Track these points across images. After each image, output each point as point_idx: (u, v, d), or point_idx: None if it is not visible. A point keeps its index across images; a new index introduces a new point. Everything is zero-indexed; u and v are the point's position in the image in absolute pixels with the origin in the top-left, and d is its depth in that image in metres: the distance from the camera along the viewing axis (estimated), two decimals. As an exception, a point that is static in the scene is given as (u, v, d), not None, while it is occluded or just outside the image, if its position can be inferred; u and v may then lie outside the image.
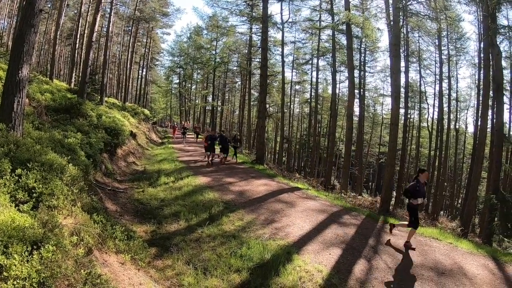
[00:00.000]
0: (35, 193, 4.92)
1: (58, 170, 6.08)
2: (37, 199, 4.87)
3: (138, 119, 28.90)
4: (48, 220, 4.27)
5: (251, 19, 29.69)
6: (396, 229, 8.91)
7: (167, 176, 13.47)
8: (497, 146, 16.17)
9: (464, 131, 41.21)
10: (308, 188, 15.01)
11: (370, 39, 29.20)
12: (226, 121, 64.38)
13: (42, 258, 3.49)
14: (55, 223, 4.31)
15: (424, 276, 6.47)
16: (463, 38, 32.25)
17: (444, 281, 6.32)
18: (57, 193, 5.23)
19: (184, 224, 8.43)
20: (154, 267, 6.08)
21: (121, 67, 44.72)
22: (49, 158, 6.29)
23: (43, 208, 4.65)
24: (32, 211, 4.49)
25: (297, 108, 53.52)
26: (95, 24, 20.28)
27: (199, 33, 48.50)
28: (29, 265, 3.31)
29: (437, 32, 28.43)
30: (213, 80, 48.80)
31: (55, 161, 6.33)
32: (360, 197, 19.06)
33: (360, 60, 36.10)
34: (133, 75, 51.27)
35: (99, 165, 11.87)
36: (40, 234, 3.81)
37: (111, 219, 6.96)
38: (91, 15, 26.32)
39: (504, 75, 23.34)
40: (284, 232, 8.27)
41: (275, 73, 34.83)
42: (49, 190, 5.16)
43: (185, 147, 26.71)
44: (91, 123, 14.27)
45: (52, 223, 4.26)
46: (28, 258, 3.40)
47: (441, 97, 30.28)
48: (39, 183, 5.17)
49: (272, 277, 5.90)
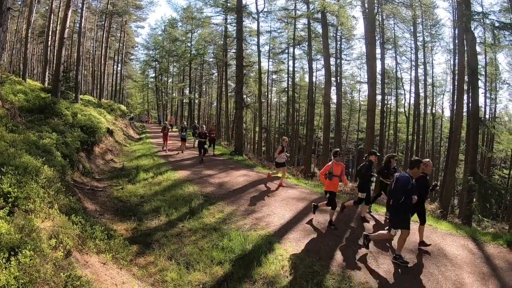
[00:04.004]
0: (10, 198, 4.83)
1: (33, 172, 5.99)
2: (13, 203, 4.79)
3: (114, 115, 28.46)
4: (24, 224, 4.23)
5: (226, 10, 29.55)
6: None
7: (146, 172, 13.35)
8: (473, 129, 16.59)
9: (441, 115, 42.14)
10: (288, 177, 15.13)
11: (345, 27, 29.49)
12: (204, 113, 63.97)
13: (20, 264, 3.47)
14: (32, 227, 4.27)
15: (405, 258, 6.62)
16: (438, 24, 32.97)
17: (425, 263, 6.53)
18: (33, 196, 5.16)
19: (165, 219, 8.42)
20: (137, 265, 6.07)
21: (96, 63, 43.73)
22: (23, 161, 6.20)
23: (19, 212, 4.60)
24: (9, 216, 4.42)
25: (274, 98, 53.65)
26: (66, 20, 19.80)
27: (173, 25, 47.86)
28: (7, 272, 3.29)
29: (412, 19, 28.83)
30: (190, 72, 48.36)
31: (30, 163, 6.24)
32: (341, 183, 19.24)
33: (336, 48, 36.35)
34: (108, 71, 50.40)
35: (76, 164, 11.69)
36: (17, 240, 3.78)
37: (91, 219, 6.89)
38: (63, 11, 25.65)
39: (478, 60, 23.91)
40: (265, 222, 8.38)
41: (251, 63, 34.71)
42: (25, 193, 5.08)
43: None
44: (66, 122, 14.01)
45: (29, 228, 4.22)
46: (5, 265, 3.38)
47: (417, 83, 30.85)
48: (14, 187, 5.08)
49: (254, 268, 5.98)
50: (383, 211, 9.45)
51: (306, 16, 28.47)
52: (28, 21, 27.09)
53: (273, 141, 50.89)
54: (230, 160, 18.53)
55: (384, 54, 30.21)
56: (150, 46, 56.40)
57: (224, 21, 35.87)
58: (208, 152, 18.53)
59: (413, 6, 18.59)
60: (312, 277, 5.82)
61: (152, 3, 45.15)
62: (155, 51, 55.88)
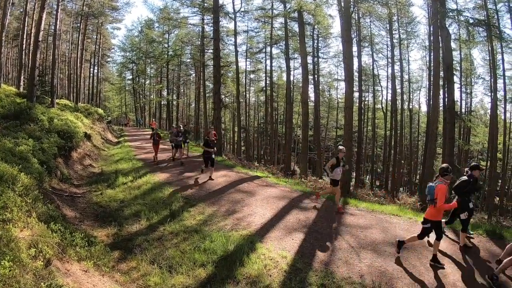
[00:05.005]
0: (-14, 209, 4.77)
1: (9, 181, 5.91)
2: (-11, 214, 4.72)
3: (92, 119, 28.03)
4: (2, 234, 4.18)
5: (203, 10, 29.33)
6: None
7: (125, 176, 13.25)
8: (449, 123, 16.96)
9: (418, 110, 43.10)
10: (268, 176, 15.24)
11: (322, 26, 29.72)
12: (183, 114, 63.59)
13: (-1, 275, 3.43)
14: (10, 237, 4.23)
15: (386, 252, 6.84)
16: (414, 22, 33.72)
17: (407, 255, 6.70)
18: (10, 205, 5.10)
19: (146, 223, 8.39)
20: (119, 271, 6.04)
21: (72, 66, 42.83)
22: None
23: (-4, 222, 4.54)
24: (-14, 227, 4.37)
25: (253, 97, 53.56)
26: (41, 22, 19.36)
27: (150, 26, 47.49)
28: (-15, 284, 3.26)
29: (388, 17, 29.26)
30: (167, 73, 48.14)
31: (6, 171, 6.15)
32: (321, 180, 19.47)
33: (314, 47, 36.65)
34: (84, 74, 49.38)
35: (54, 171, 11.50)
36: (-5, 251, 3.74)
37: (70, 226, 6.82)
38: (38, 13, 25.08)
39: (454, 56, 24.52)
40: (246, 221, 8.45)
41: (229, 63, 34.59)
42: (1, 203, 5.02)
43: (141, 144, 26.22)
44: (42, 128, 13.78)
45: (7, 238, 4.18)
46: (-16, 278, 3.34)
47: (393, 79, 31.38)
48: (-10, 197, 5.02)
49: (237, 268, 6.01)
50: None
51: (283, 16, 28.60)
52: (2, 24, 26.33)
53: (252, 140, 50.95)
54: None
55: (361, 51, 30.77)
56: (127, 48, 55.78)
57: (201, 21, 35.67)
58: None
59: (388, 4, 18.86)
60: (295, 275, 5.90)
61: (128, 4, 44.92)
62: (132, 52, 55.28)
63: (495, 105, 26.59)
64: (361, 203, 10.89)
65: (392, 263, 6.37)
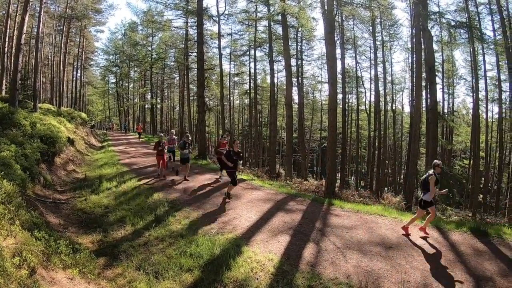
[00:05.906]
0: (-32, 217, 4.72)
1: (-9, 188, 5.84)
2: (-29, 223, 4.67)
3: (75, 123, 27.65)
4: (-15, 244, 4.14)
5: (187, 13, 29.27)
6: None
7: (110, 181, 13.11)
8: (432, 123, 17.32)
9: (401, 111, 43.81)
10: (253, 179, 15.30)
11: (305, 28, 30.07)
12: (167, 118, 63.30)
13: (-18, 286, 3.41)
14: (-7, 246, 4.19)
15: (372, 252, 6.93)
16: (396, 24, 34.35)
17: (392, 255, 6.80)
18: (-8, 213, 5.04)
19: (131, 229, 8.33)
20: (105, 278, 6.00)
21: (54, 70, 42.37)
22: (-20, 177, 6.03)
23: (-22, 232, 4.49)
24: (-32, 236, 4.32)
25: (237, 100, 53.41)
26: (23, 24, 18.96)
27: (134, 29, 47.27)
28: (-32, 295, 3.23)
29: (371, 20, 29.66)
30: (151, 77, 47.90)
31: (-13, 179, 6.07)
32: (306, 182, 19.67)
33: (297, 49, 36.85)
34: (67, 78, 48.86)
35: (37, 177, 11.35)
36: (-22, 261, 3.71)
37: (55, 233, 6.74)
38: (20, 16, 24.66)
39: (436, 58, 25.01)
40: (232, 225, 8.47)
41: (213, 66, 34.54)
42: (-16, 211, 4.96)
43: (126, 149, 26.02)
44: (25, 133, 13.59)
45: (-10, 247, 4.14)
46: (-33, 288, 3.31)
47: (377, 81, 31.74)
48: (-28, 205, 4.96)
49: (224, 272, 6.03)
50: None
51: (266, 18, 28.79)
52: (-17, 27, 25.92)
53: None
54: (194, 164, 18.28)
55: (344, 54, 30.98)
56: (110, 51, 55.38)
57: (185, 24, 35.67)
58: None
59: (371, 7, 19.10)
60: (282, 277, 5.93)
61: (111, 6, 44.43)
62: (116, 56, 54.92)
63: (477, 105, 27.22)
64: (346, 204, 11.01)
65: (378, 263, 6.45)
